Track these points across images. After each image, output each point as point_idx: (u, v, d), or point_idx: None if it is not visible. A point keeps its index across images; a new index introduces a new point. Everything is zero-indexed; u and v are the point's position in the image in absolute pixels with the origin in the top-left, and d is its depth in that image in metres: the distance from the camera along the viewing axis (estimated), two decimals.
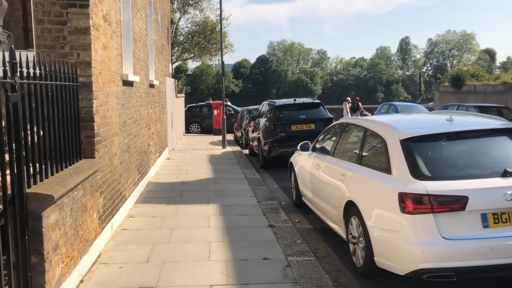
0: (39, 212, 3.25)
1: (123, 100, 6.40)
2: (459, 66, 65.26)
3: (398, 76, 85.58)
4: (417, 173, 4.01)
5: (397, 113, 19.69)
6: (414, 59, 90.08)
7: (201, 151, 14.60)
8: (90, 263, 4.56)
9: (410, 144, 4.25)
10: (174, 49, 30.68)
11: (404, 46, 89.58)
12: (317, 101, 12.24)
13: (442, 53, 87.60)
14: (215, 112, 21.42)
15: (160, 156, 11.25)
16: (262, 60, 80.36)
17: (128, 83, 6.79)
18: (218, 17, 24.26)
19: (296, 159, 7.45)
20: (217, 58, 35.15)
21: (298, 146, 7.18)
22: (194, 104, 26.62)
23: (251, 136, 13.79)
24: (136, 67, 7.70)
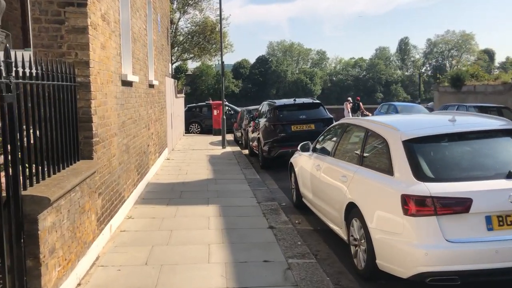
0: (35, 215, 3.18)
1: (122, 100, 6.34)
2: (458, 66, 65.20)
3: (397, 77, 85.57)
4: (420, 175, 3.95)
5: (397, 113, 19.67)
6: (413, 60, 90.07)
7: (201, 151, 14.54)
8: (88, 266, 4.50)
9: (413, 145, 4.19)
10: (174, 49, 30.61)
11: (404, 47, 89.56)
12: (317, 101, 12.19)
13: (441, 54, 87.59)
14: (215, 112, 21.38)
15: (160, 157, 11.19)
16: (262, 60, 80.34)
17: (127, 83, 6.72)
18: (218, 17, 24.21)
19: (297, 160, 7.39)
20: (217, 58, 35.07)
21: (299, 147, 7.11)
22: (194, 104, 26.58)
23: (251, 136, 13.74)
24: (135, 67, 7.64)
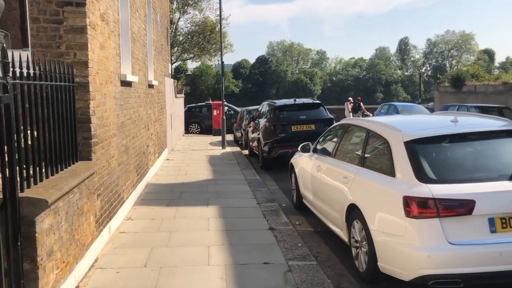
0: (33, 217, 3.14)
1: (121, 101, 6.30)
2: (458, 67, 65.16)
3: (397, 77, 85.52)
4: (422, 176, 3.90)
5: (398, 114, 19.63)
6: (413, 60, 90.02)
7: (201, 152, 14.50)
8: (87, 268, 4.45)
9: (415, 146, 4.14)
10: (174, 49, 30.57)
11: (403, 47, 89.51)
12: (318, 102, 12.16)
13: (441, 54, 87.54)
14: (215, 113, 21.34)
15: (159, 157, 11.14)
16: (262, 60, 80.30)
17: (127, 84, 6.68)
18: (218, 17, 24.18)
19: (297, 161, 7.34)
20: (217, 58, 35.01)
21: (299, 148, 7.07)
22: (194, 105, 26.56)
23: (251, 137, 13.69)
24: (135, 67, 7.60)
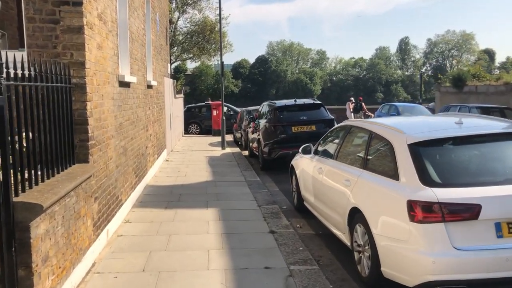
0: (27, 222, 3.05)
1: (120, 102, 6.21)
2: (459, 66, 65.04)
3: (398, 76, 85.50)
4: (427, 180, 3.81)
5: (399, 114, 19.54)
6: (414, 59, 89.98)
7: (200, 153, 14.41)
8: (84, 273, 4.36)
9: (419, 149, 4.05)
10: (173, 49, 30.49)
11: (404, 46, 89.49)
12: (318, 102, 12.06)
13: (442, 53, 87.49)
14: (214, 113, 21.25)
15: (159, 158, 11.05)
16: (262, 60, 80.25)
17: (125, 84, 6.59)
18: (217, 17, 24.12)
19: (298, 162, 7.25)
20: (216, 58, 35.02)
21: (300, 149, 6.97)
22: (193, 105, 26.45)
23: (251, 137, 13.60)
24: (133, 68, 7.51)
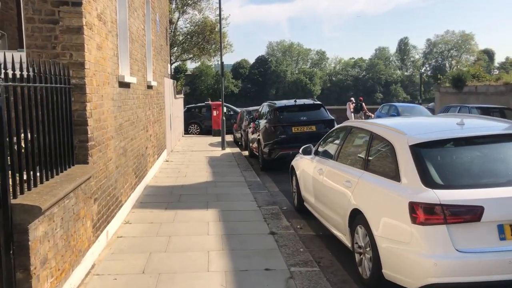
0: (26, 225, 3.02)
1: (119, 102, 6.18)
2: (458, 67, 65.05)
3: (397, 77, 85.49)
4: (429, 181, 3.79)
5: (398, 114, 19.51)
6: (413, 60, 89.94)
7: (200, 153, 14.38)
8: (83, 275, 4.33)
9: (420, 150, 4.03)
10: (173, 49, 30.46)
11: (403, 47, 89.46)
12: (318, 103, 12.04)
13: (441, 54, 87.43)
14: (214, 113, 21.22)
15: (159, 159, 11.02)
16: (261, 61, 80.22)
17: (125, 85, 6.56)
18: (217, 17, 24.10)
19: (298, 163, 7.23)
20: (216, 59, 34.97)
21: (300, 150, 6.94)
22: (193, 105, 26.42)
23: (251, 138, 13.58)
24: (133, 68, 7.48)
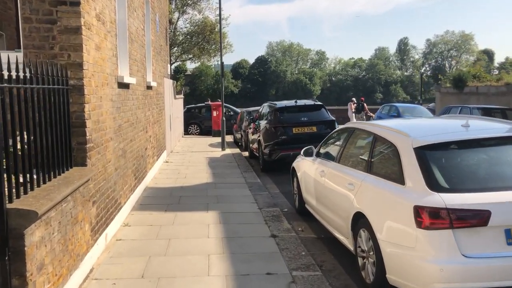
0: (21, 230, 2.94)
1: (119, 103, 6.10)
2: (458, 67, 64.94)
3: (397, 77, 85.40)
4: (434, 185, 3.71)
5: (399, 115, 19.43)
6: (413, 60, 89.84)
7: (200, 154, 14.30)
8: (81, 279, 4.25)
9: (425, 153, 3.95)
10: (173, 50, 30.38)
11: (403, 47, 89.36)
12: (319, 103, 11.96)
13: (441, 54, 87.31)
14: (214, 114, 21.15)
15: (158, 160, 10.94)
16: (261, 61, 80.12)
17: (124, 85, 6.48)
18: (217, 17, 24.02)
19: (299, 164, 7.15)
20: (216, 59, 34.89)
21: (302, 152, 6.86)
22: (193, 105, 26.36)
23: (251, 138, 13.50)
24: (133, 69, 7.40)
